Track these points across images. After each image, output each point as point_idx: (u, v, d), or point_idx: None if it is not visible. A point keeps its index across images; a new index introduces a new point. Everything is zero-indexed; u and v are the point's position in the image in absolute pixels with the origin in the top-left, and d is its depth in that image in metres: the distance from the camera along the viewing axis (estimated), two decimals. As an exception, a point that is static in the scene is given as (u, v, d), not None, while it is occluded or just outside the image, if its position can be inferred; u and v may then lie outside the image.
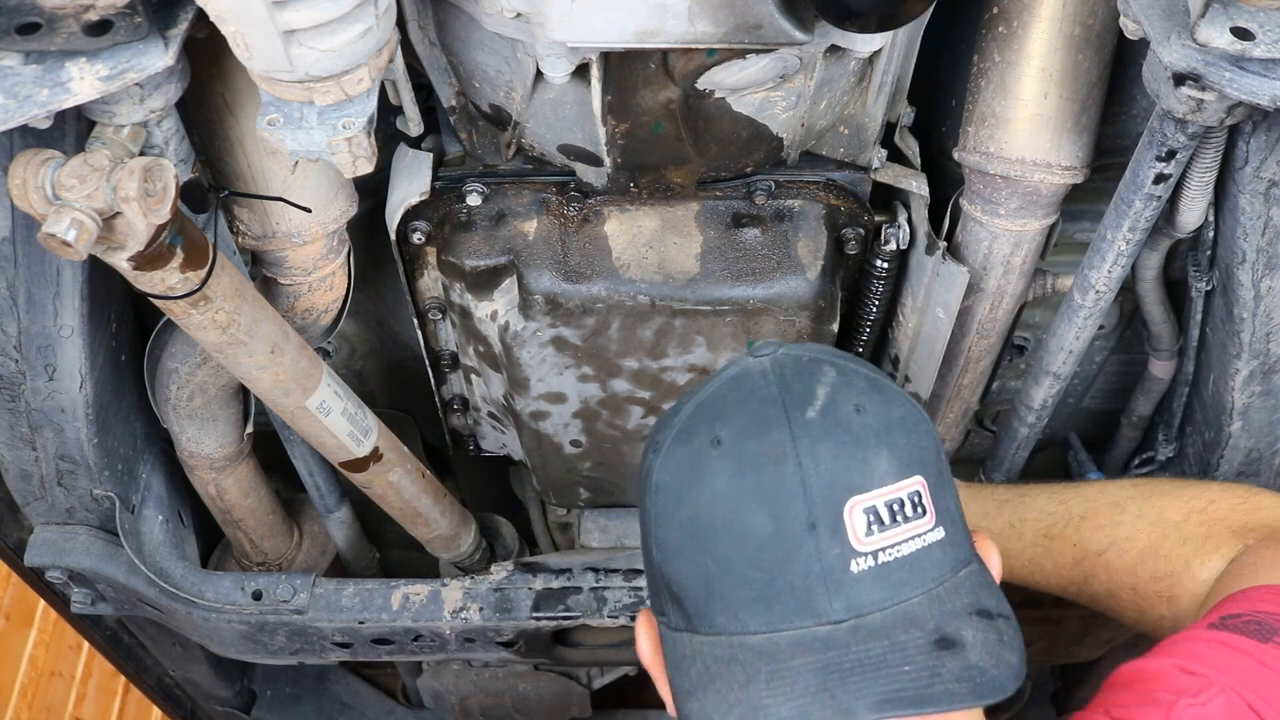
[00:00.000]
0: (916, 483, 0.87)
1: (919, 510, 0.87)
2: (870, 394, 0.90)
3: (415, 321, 1.64)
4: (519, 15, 1.10)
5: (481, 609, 1.74)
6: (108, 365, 1.47)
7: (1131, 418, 1.81)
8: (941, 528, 0.88)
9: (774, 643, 0.85)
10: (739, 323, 1.46)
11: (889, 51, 1.26)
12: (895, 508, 0.86)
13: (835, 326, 1.51)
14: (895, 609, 0.85)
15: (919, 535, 0.86)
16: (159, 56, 0.98)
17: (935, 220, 1.50)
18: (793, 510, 0.85)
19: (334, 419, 1.45)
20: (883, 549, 0.85)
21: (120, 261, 1.06)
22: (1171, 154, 1.17)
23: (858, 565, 0.84)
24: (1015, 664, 0.85)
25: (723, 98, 1.25)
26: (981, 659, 0.84)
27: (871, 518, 0.85)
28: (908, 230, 1.49)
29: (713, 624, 0.88)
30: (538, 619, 1.74)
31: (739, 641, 0.86)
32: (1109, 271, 1.35)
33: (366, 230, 1.55)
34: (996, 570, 0.95)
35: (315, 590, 1.73)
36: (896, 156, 1.48)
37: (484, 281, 1.47)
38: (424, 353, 1.72)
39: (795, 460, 0.86)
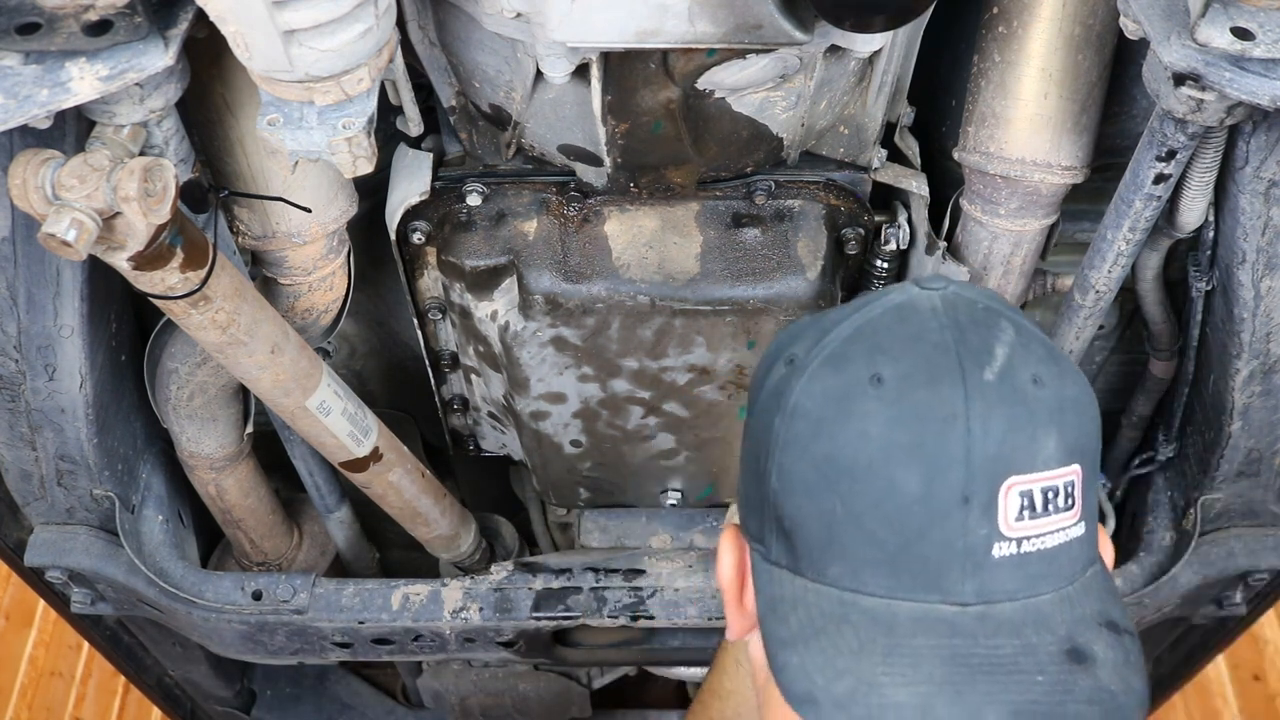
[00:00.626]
0: (1074, 472, 0.81)
1: (1069, 502, 0.81)
2: (1049, 364, 0.83)
3: (415, 321, 1.64)
4: (519, 15, 1.10)
5: (481, 609, 1.74)
6: (108, 365, 1.47)
7: (1131, 418, 1.81)
8: (1084, 523, 0.83)
9: (892, 611, 0.79)
10: (739, 323, 1.46)
11: (889, 51, 1.26)
12: (1050, 495, 0.80)
13: (835, 326, 1.51)
14: (1025, 603, 0.80)
15: (1063, 529, 0.81)
16: (159, 56, 0.98)
17: (935, 220, 1.50)
18: (950, 478, 0.78)
19: (334, 419, 1.45)
20: (1027, 537, 0.79)
21: (120, 261, 1.06)
22: (1171, 154, 1.17)
23: (1000, 550, 0.78)
24: (1140, 690, 0.80)
25: (723, 98, 1.25)
26: (1111, 680, 0.79)
27: (1025, 502, 0.79)
28: (908, 230, 1.49)
29: (824, 572, 0.81)
30: (538, 619, 1.74)
31: (852, 600, 0.80)
32: (1109, 271, 1.35)
33: (366, 230, 1.55)
34: (1110, 565, 0.90)
35: (315, 590, 1.73)
36: (896, 156, 1.48)
37: (484, 281, 1.47)
38: (424, 353, 1.71)
39: (965, 424, 0.78)
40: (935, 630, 0.78)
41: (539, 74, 1.18)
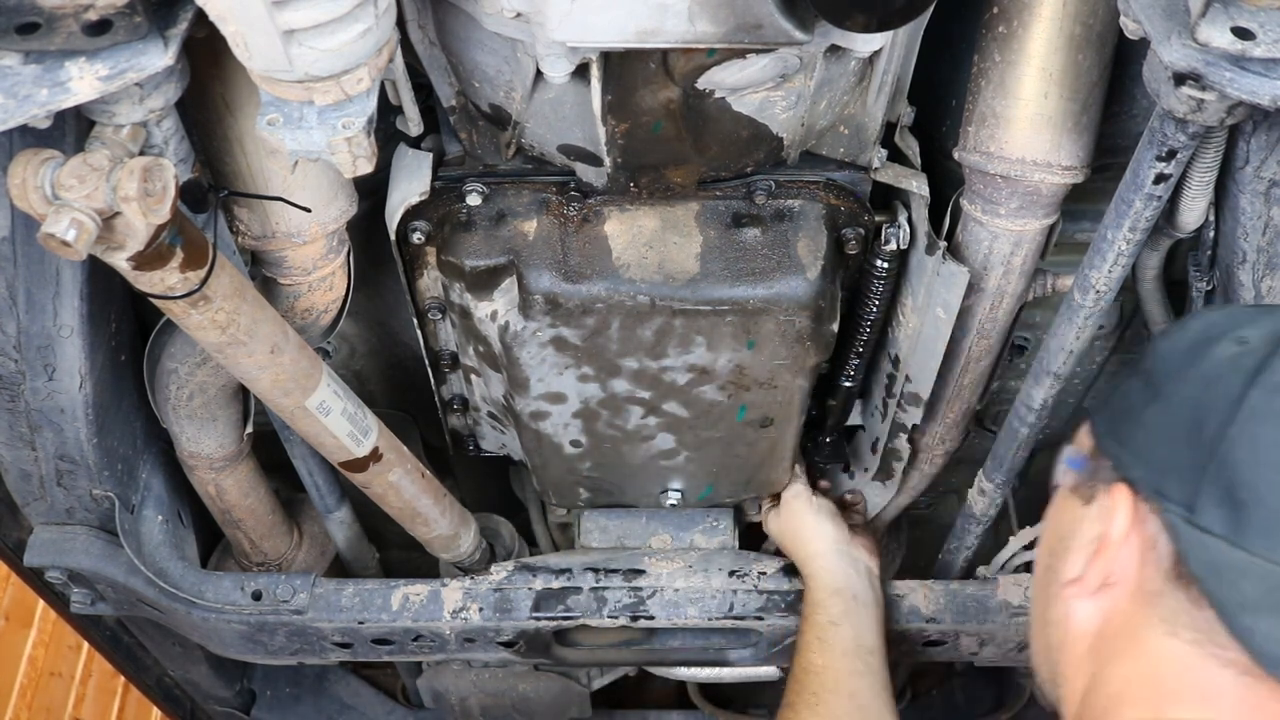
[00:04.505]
0: None
1: None
2: None
3: (415, 321, 1.64)
4: (519, 15, 1.10)
5: (481, 609, 1.74)
6: (108, 365, 1.47)
7: (1132, 418, 1.81)
8: None
9: None
10: (739, 322, 1.46)
11: (889, 51, 1.26)
12: None
13: (835, 326, 1.51)
14: None
15: None
16: (159, 56, 0.98)
17: (935, 220, 1.50)
18: None
19: (334, 419, 1.45)
20: None
21: (120, 261, 1.06)
22: (1172, 154, 1.17)
23: None
24: None
25: (723, 98, 1.25)
26: None
27: None
28: (908, 230, 1.49)
29: (1274, 551, 0.83)
30: (538, 619, 1.74)
31: None
32: (1109, 271, 1.35)
33: (366, 230, 1.55)
34: None
35: (315, 590, 1.73)
36: (896, 156, 1.48)
37: (484, 281, 1.47)
38: (424, 353, 1.71)
39: None
40: None
41: (539, 74, 1.18)
